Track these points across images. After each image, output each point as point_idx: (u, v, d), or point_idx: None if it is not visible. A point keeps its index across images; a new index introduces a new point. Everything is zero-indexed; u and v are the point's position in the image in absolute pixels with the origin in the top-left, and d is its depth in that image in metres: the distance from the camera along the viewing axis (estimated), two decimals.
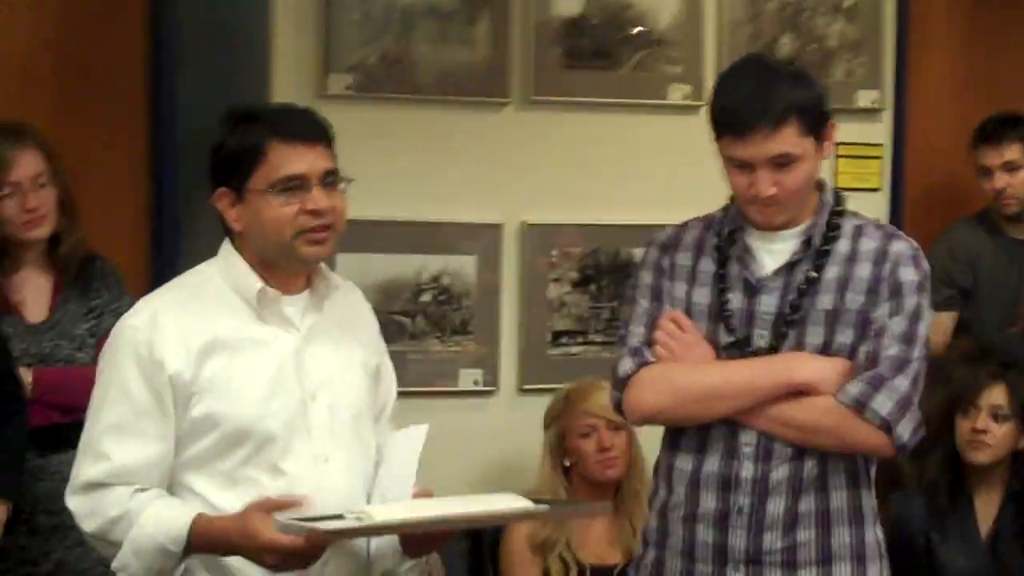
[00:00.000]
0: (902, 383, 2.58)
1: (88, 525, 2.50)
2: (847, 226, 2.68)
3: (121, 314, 3.38)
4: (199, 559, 2.48)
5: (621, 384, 2.72)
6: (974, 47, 4.88)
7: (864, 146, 4.51)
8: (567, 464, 3.78)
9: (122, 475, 2.47)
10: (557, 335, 4.21)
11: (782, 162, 2.57)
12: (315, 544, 2.38)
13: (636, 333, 2.74)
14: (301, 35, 3.97)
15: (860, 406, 2.57)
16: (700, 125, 4.27)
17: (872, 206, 4.47)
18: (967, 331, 4.55)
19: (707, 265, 2.72)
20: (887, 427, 2.57)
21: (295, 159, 2.50)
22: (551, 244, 4.20)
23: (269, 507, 2.40)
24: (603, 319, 4.24)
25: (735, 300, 2.67)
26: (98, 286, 3.52)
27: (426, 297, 4.09)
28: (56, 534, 3.41)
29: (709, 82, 4.32)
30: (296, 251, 2.52)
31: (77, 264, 3.51)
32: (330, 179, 2.54)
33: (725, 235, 2.71)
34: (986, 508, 3.93)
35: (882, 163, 4.54)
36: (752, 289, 2.66)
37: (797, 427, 2.61)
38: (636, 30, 4.26)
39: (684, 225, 2.80)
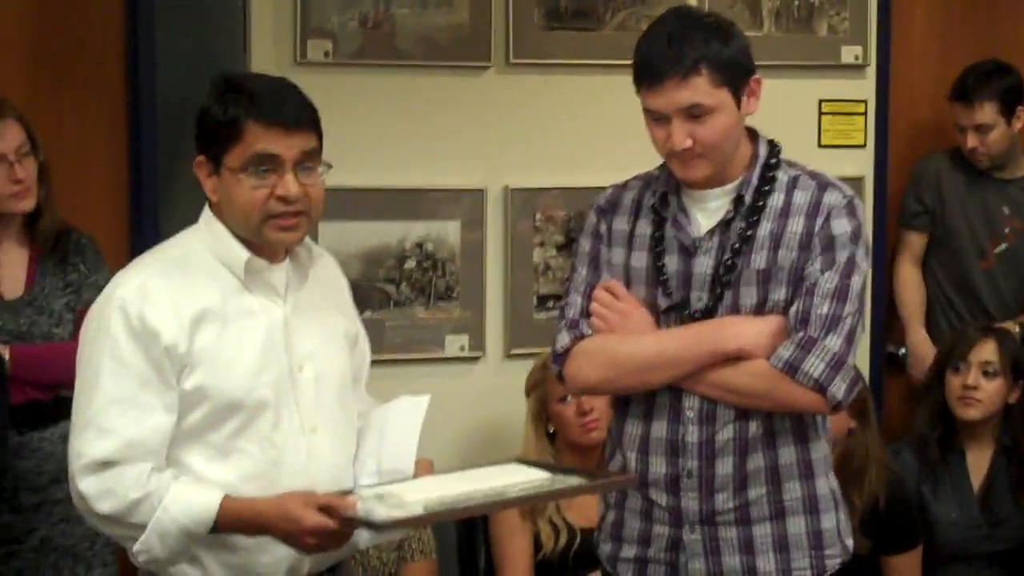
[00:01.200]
0: (834, 342, 2.56)
1: (103, 506, 2.42)
2: (782, 178, 2.66)
3: (100, 287, 3.35)
4: (203, 542, 2.45)
5: (559, 358, 2.74)
6: None
7: (849, 103, 4.47)
8: (551, 430, 3.77)
9: (131, 450, 2.41)
10: (543, 299, 4.18)
11: (695, 113, 2.56)
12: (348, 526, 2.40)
13: (573, 304, 2.74)
14: (279, 1, 3.93)
15: (792, 369, 2.56)
16: None
17: (858, 162, 4.45)
18: (939, 262, 4.61)
19: (644, 228, 2.71)
20: (820, 388, 2.56)
21: (271, 141, 2.44)
22: (535, 208, 4.16)
23: (309, 501, 2.39)
24: None
25: (671, 263, 2.66)
26: (76, 260, 3.48)
27: (410, 264, 4.06)
28: (40, 511, 3.39)
29: None
30: (264, 235, 2.49)
31: (54, 238, 3.47)
32: (307, 164, 2.49)
33: (659, 196, 2.70)
34: (978, 462, 3.95)
35: (866, 119, 4.50)
36: (687, 251, 2.66)
37: (733, 391, 2.61)
38: None
39: (624, 185, 2.79)
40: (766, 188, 2.64)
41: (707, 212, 2.66)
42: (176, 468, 2.46)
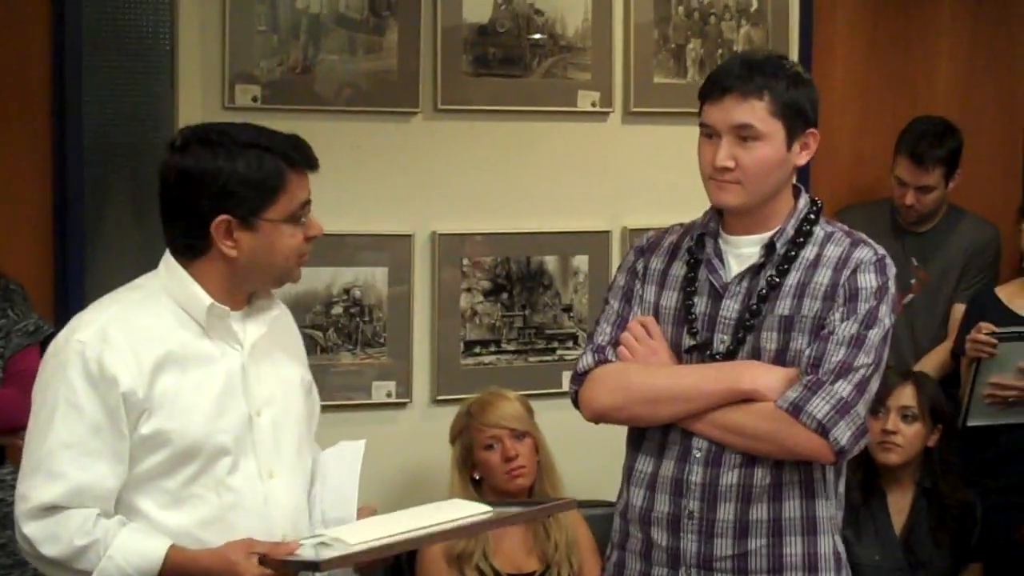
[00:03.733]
0: (843, 388, 2.58)
1: (49, 550, 2.41)
2: (818, 232, 2.71)
3: (30, 333, 3.32)
4: None
5: (579, 379, 2.77)
6: (876, 50, 4.93)
7: None
8: (477, 477, 3.78)
9: (79, 496, 2.41)
10: (470, 345, 4.20)
11: (745, 135, 2.61)
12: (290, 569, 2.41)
13: (602, 331, 2.78)
14: (206, 45, 3.92)
15: (796, 409, 2.58)
16: (609, 131, 4.35)
17: None
18: None
19: (678, 269, 2.76)
20: (823, 431, 2.57)
21: (303, 190, 2.53)
22: (462, 254, 4.18)
23: (252, 548, 2.40)
24: (515, 328, 4.24)
25: (700, 304, 2.71)
26: (4, 305, 3.43)
27: (337, 310, 4.06)
28: None
29: (618, 88, 4.34)
30: (292, 275, 2.57)
31: None
32: None
33: (696, 239, 2.75)
34: (899, 505, 3.99)
35: None
36: (716, 294, 2.70)
37: (737, 432, 2.63)
38: (544, 37, 4.26)
39: (667, 230, 2.85)
40: (800, 240, 2.68)
41: (740, 258, 2.70)
42: (128, 514, 2.45)
